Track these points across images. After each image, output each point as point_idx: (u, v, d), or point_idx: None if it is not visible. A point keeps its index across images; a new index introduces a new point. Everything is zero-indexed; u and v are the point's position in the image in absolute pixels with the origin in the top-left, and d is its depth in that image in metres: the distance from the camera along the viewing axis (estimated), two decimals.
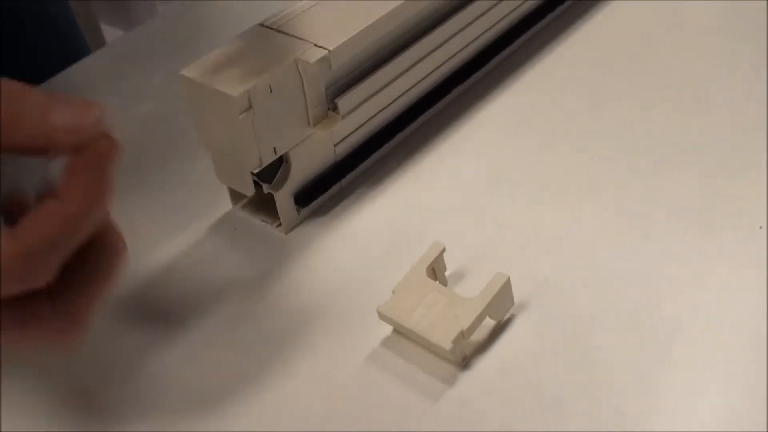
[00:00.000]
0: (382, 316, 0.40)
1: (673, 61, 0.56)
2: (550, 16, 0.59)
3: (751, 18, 0.58)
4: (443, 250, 0.42)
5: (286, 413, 0.39)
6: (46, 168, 0.31)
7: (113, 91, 0.59)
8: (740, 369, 0.38)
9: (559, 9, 0.60)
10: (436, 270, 0.42)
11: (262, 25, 0.45)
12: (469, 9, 0.52)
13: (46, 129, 0.29)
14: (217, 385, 0.40)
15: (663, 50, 0.57)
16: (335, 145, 0.48)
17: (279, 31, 0.44)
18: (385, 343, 0.41)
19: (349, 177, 0.49)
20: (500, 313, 0.41)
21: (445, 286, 0.42)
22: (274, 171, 0.45)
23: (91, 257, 0.33)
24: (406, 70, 0.49)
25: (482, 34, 0.54)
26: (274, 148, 0.44)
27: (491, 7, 0.54)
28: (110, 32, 1.52)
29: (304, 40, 0.43)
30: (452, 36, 0.52)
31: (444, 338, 0.38)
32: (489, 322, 0.41)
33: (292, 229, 0.47)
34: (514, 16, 0.57)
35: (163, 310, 0.44)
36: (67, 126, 0.30)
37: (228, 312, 0.43)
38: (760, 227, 0.44)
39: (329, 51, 0.43)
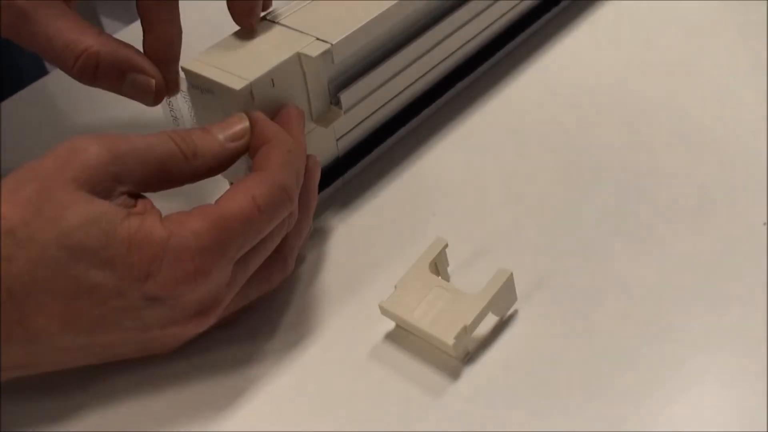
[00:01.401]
0: (385, 312, 0.40)
1: (673, 57, 0.56)
2: (555, 9, 0.59)
3: (751, 12, 0.58)
4: (446, 246, 0.42)
5: (287, 409, 0.39)
6: None
7: None
8: (741, 367, 0.38)
9: (564, 2, 0.60)
10: (438, 265, 0.42)
11: (264, 18, 0.45)
12: (474, 1, 0.51)
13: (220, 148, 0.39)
14: (220, 381, 0.40)
15: (663, 47, 0.57)
16: (337, 139, 0.47)
17: (281, 25, 0.44)
18: (388, 338, 0.41)
19: (351, 172, 0.49)
20: (503, 309, 0.41)
21: (448, 281, 0.42)
22: None
23: (300, 204, 0.40)
24: (410, 64, 0.49)
25: (488, 26, 0.54)
26: None
27: (496, 0, 0.53)
28: (111, 25, 1.52)
29: (306, 33, 0.43)
30: (457, 29, 0.51)
31: (447, 334, 0.38)
32: (492, 318, 0.40)
33: None
34: (521, 9, 0.56)
35: None
36: (228, 137, 0.39)
37: None
38: (764, 223, 0.44)
39: (332, 45, 0.42)
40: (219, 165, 0.39)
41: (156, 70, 0.42)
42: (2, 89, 0.60)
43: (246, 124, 0.40)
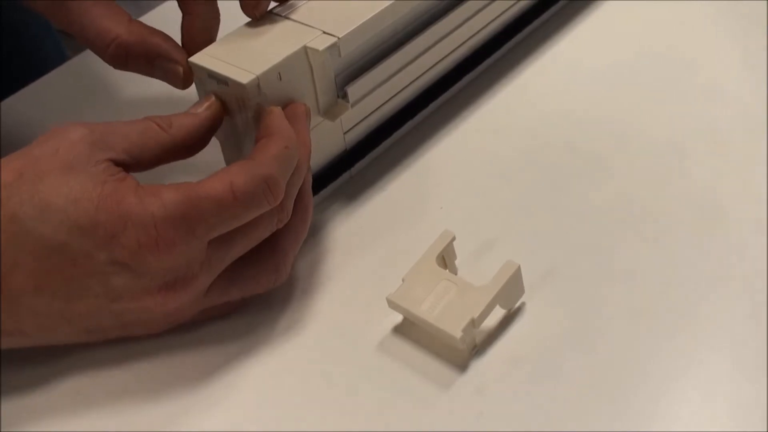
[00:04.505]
0: (392, 305, 0.40)
1: (677, 53, 0.56)
2: (561, 2, 0.59)
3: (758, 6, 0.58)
4: (453, 239, 0.42)
5: (296, 401, 0.39)
6: None
7: (123, 77, 0.59)
8: (745, 365, 0.38)
9: None
10: (446, 258, 0.42)
11: (271, 12, 0.45)
12: None
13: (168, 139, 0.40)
14: (229, 371, 0.40)
15: (666, 43, 0.57)
16: (345, 133, 0.47)
17: (288, 19, 0.44)
18: (396, 331, 0.41)
19: (358, 165, 0.49)
20: (511, 302, 0.41)
21: (456, 274, 0.42)
22: None
23: (296, 208, 0.41)
24: (417, 58, 0.49)
25: (494, 19, 0.54)
26: None
27: None
28: None
29: (313, 27, 0.43)
30: (463, 22, 0.51)
31: (454, 326, 0.38)
32: (499, 311, 0.41)
33: None
34: (526, 2, 0.56)
35: None
36: (197, 107, 0.41)
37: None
38: None
39: (338, 38, 0.42)
40: (196, 132, 0.41)
41: (184, 57, 0.43)
42: (25, 74, 0.61)
43: (212, 98, 0.41)
